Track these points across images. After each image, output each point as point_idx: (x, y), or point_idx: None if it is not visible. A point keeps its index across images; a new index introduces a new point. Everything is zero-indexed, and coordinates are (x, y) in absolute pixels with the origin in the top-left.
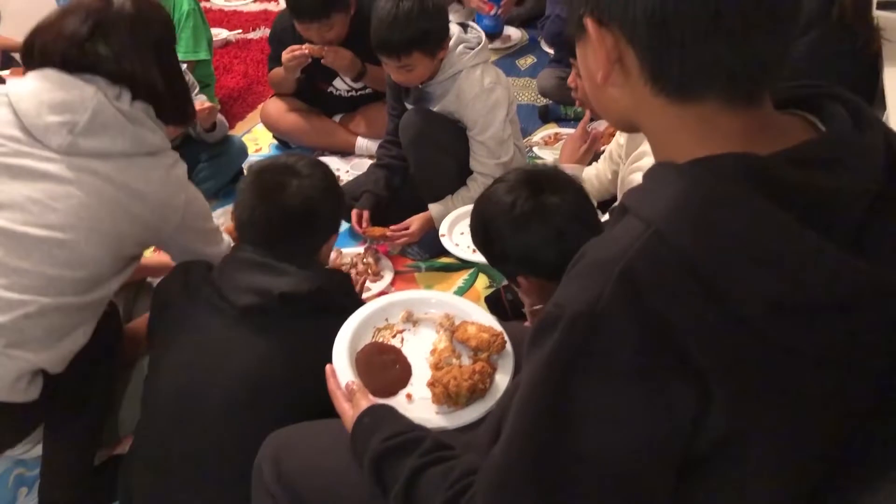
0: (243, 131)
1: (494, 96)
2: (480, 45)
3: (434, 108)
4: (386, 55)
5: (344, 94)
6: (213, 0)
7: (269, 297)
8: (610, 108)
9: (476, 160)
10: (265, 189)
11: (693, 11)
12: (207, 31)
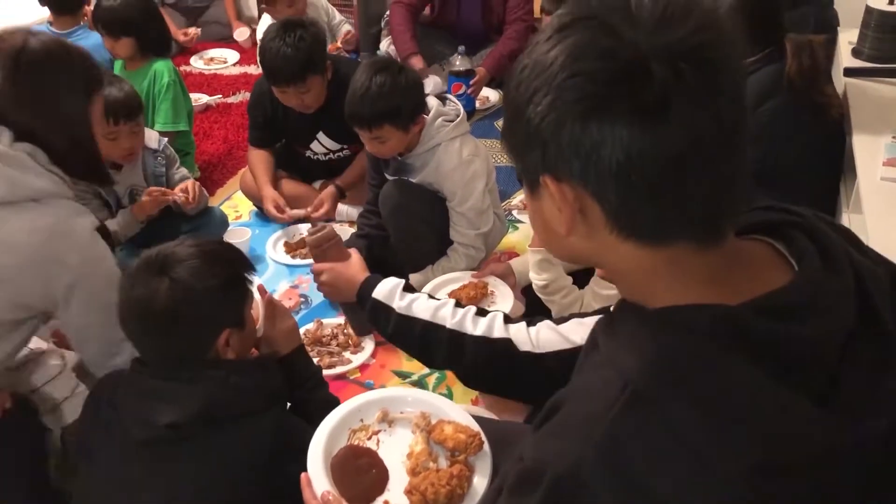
0: (223, 198)
1: (473, 168)
2: (459, 118)
3: (414, 180)
4: (357, 126)
5: (322, 158)
6: (192, 64)
7: (156, 430)
8: (572, 255)
9: (456, 231)
10: (132, 290)
11: (656, 162)
12: (188, 101)
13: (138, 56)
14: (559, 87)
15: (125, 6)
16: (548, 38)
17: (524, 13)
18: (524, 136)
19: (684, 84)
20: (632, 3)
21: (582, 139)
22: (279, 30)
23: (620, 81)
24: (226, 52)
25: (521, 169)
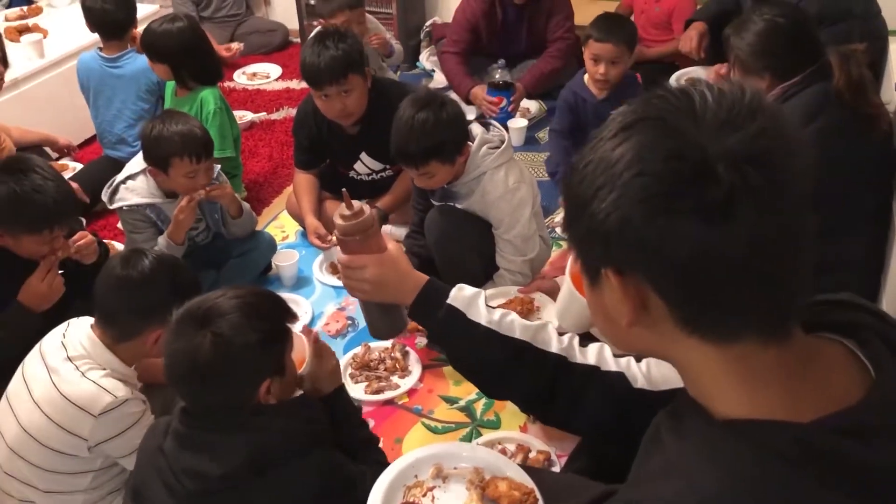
0: (270, 218)
1: (519, 195)
2: (504, 146)
3: (459, 206)
4: (405, 164)
5: (365, 179)
6: (236, 80)
7: (209, 481)
8: (633, 345)
9: (502, 257)
10: (177, 341)
11: (719, 261)
12: (234, 127)
13: (184, 84)
14: (624, 185)
15: (167, 34)
16: (612, 136)
17: (564, 31)
18: (587, 230)
19: (749, 187)
20: (696, 103)
21: (646, 236)
22: (318, 36)
23: (686, 182)
24: (268, 67)
25: (583, 260)
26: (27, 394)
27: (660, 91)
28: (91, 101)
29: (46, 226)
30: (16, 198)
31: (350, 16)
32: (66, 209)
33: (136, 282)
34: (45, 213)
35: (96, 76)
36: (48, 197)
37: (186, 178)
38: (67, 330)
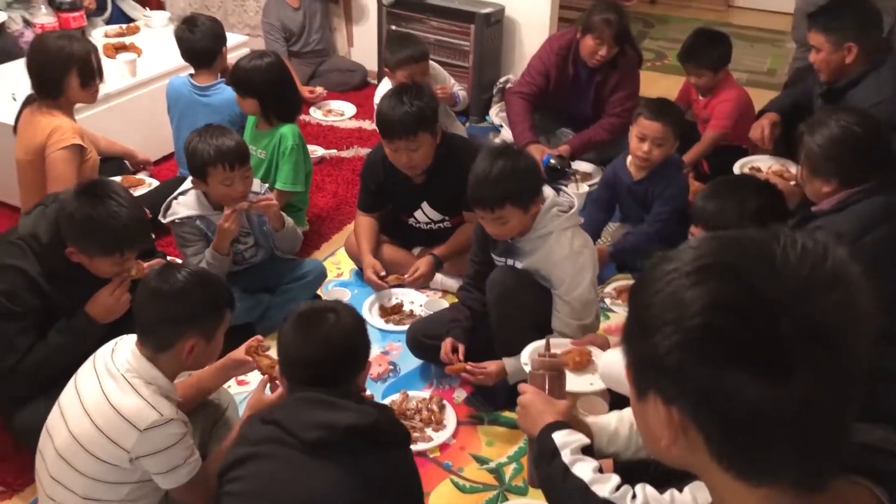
0: (327, 253)
1: (583, 259)
2: (573, 210)
3: (521, 264)
4: (480, 208)
5: (423, 227)
6: (312, 114)
7: (335, 430)
8: (670, 460)
9: (559, 319)
10: (309, 328)
11: (767, 416)
12: (307, 164)
13: (267, 119)
14: (689, 331)
15: (256, 71)
16: (687, 273)
17: (622, 109)
18: (644, 356)
19: (812, 358)
20: (776, 257)
21: (699, 382)
22: (396, 90)
23: (751, 342)
24: (344, 105)
25: (634, 377)
26: (78, 402)
27: (743, 235)
28: (175, 123)
29: (118, 250)
30: (91, 222)
31: (415, 68)
32: (137, 235)
33: (168, 293)
34: (117, 238)
35: (185, 101)
36: (121, 223)
37: (223, 185)
38: (118, 344)
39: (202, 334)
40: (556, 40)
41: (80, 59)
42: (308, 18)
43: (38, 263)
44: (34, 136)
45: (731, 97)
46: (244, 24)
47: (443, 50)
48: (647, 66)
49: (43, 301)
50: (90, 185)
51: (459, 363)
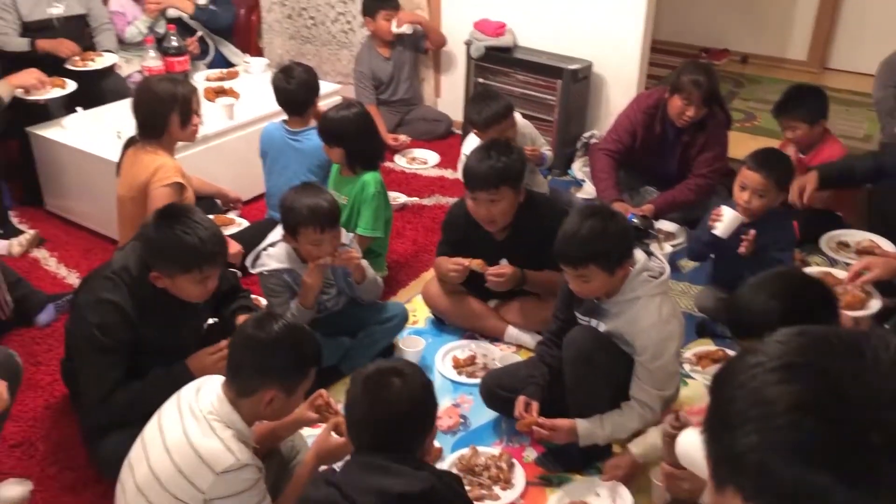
0: (404, 300)
1: (670, 328)
2: (664, 277)
3: (604, 326)
4: (564, 264)
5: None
6: (395, 161)
7: (388, 497)
8: None
9: (638, 387)
10: (374, 392)
11: None
12: (388, 210)
13: (351, 167)
14: (774, 432)
15: (343, 121)
16: (773, 369)
17: (710, 170)
18: (725, 450)
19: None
20: (867, 361)
21: (782, 483)
22: (486, 145)
23: (837, 447)
24: (427, 154)
25: (714, 468)
26: (161, 439)
27: (832, 333)
28: (267, 166)
29: (196, 266)
30: (168, 240)
31: (502, 125)
32: (212, 249)
33: (262, 342)
34: (195, 253)
35: (277, 144)
36: (195, 238)
37: (312, 245)
38: (203, 384)
39: (283, 388)
40: (644, 99)
41: (181, 99)
42: (397, 68)
43: (129, 296)
44: (139, 173)
45: (835, 154)
46: (337, 73)
47: (528, 103)
48: (736, 127)
49: (133, 334)
50: (167, 208)
51: (530, 418)
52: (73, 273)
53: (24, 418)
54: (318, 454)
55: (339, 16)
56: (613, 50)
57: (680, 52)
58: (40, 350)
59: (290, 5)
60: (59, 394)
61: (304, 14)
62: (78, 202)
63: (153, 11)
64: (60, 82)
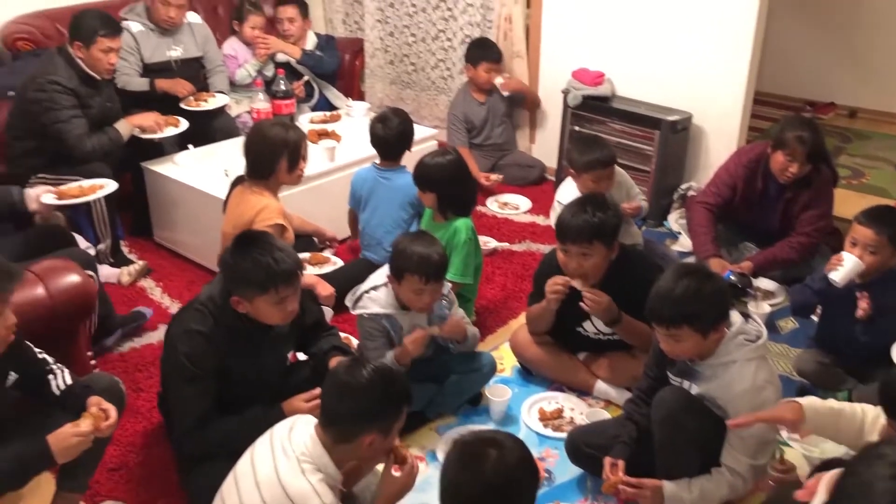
0: (491, 347)
1: (765, 395)
2: (760, 341)
3: (696, 388)
4: (656, 323)
5: (591, 336)
6: (487, 205)
7: None
8: None
9: (730, 453)
10: (469, 463)
11: None
12: (478, 256)
13: (442, 212)
14: None
15: (437, 167)
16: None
17: (813, 230)
18: None
19: None
20: None
21: None
22: (582, 200)
23: None
24: (519, 199)
25: None
26: (252, 473)
27: None
28: (361, 206)
29: (271, 285)
30: (244, 263)
31: (602, 173)
32: (286, 268)
33: (354, 388)
34: (269, 273)
35: (369, 185)
36: (270, 258)
37: (413, 293)
38: (295, 424)
39: (381, 430)
40: (746, 153)
41: (291, 145)
42: (491, 114)
43: (215, 325)
44: (244, 212)
45: None
46: (434, 117)
47: (625, 153)
48: (842, 185)
49: (220, 362)
50: (243, 235)
51: (616, 478)
52: (175, 303)
53: (122, 443)
54: (383, 489)
55: (439, 62)
56: (714, 101)
57: (784, 105)
58: (142, 377)
59: (393, 52)
60: (157, 421)
61: (406, 60)
62: (185, 235)
63: (263, 56)
64: (174, 121)
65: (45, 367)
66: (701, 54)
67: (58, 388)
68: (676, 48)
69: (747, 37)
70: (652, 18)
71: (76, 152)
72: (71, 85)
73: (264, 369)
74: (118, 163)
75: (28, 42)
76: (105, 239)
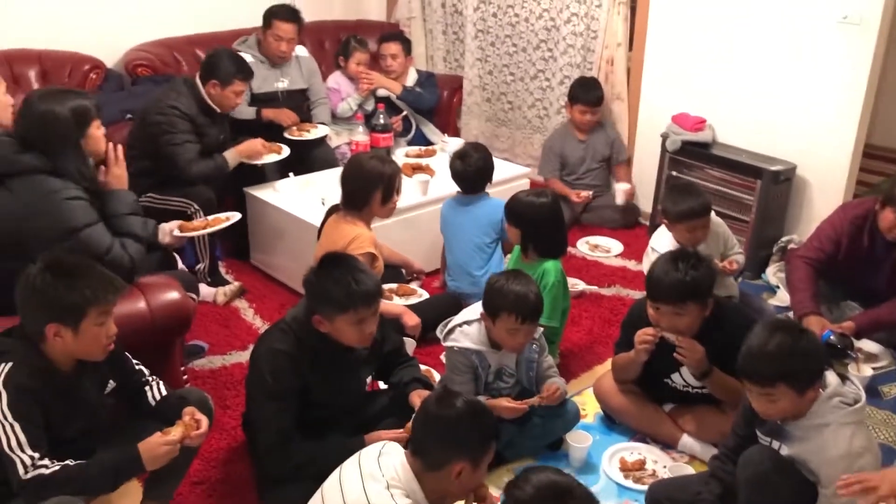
0: (574, 392)
1: (861, 462)
2: (859, 404)
3: (786, 450)
4: (750, 382)
5: (679, 388)
6: (578, 247)
7: None
8: None
9: None
10: None
11: None
12: (566, 299)
13: (525, 251)
14: None
15: (530, 206)
16: None
17: None
18: None
19: None
20: None
21: None
22: (675, 255)
23: None
24: (611, 242)
25: None
26: (340, 496)
27: None
28: (446, 236)
29: (351, 306)
30: (326, 282)
31: (696, 222)
32: (366, 290)
33: (447, 420)
34: (350, 293)
35: (453, 212)
36: (350, 279)
37: (507, 333)
38: (384, 449)
39: (471, 462)
40: (852, 208)
41: (387, 179)
42: (590, 155)
43: (298, 344)
44: (337, 240)
45: None
46: (528, 156)
47: (723, 201)
48: None
49: (302, 382)
50: (328, 256)
51: None
52: (266, 325)
53: (207, 458)
54: None
55: (536, 102)
56: (821, 152)
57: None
58: (230, 395)
59: (491, 90)
60: (241, 439)
61: (503, 99)
62: (280, 259)
63: (366, 90)
64: (277, 148)
65: (141, 377)
66: (808, 102)
67: (153, 399)
68: (782, 95)
69: (860, 85)
70: (757, 64)
71: (184, 175)
72: (190, 112)
73: (343, 392)
74: (222, 187)
75: (147, 68)
76: (203, 259)
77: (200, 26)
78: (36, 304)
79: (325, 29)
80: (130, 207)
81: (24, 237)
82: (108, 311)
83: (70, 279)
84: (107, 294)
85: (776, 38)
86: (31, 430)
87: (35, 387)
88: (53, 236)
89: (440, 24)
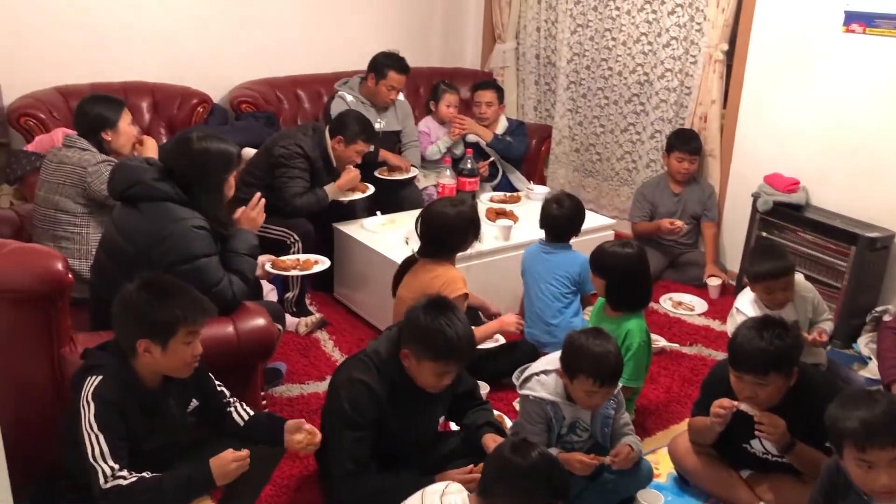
0: (648, 450)
1: None
2: None
3: None
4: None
5: (758, 455)
6: (661, 303)
7: None
8: None
9: None
10: None
11: None
12: (649, 359)
13: (608, 298)
14: None
15: (615, 257)
16: None
17: None
18: None
19: None
20: None
21: None
22: (760, 322)
23: None
24: (695, 300)
25: None
26: None
27: None
28: (526, 283)
29: (443, 357)
30: (430, 326)
31: (773, 285)
32: (463, 347)
33: (519, 469)
34: (449, 346)
35: (533, 259)
36: (454, 332)
37: (585, 394)
38: (448, 488)
39: None
40: None
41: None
42: (683, 209)
43: (378, 377)
44: (430, 282)
45: None
46: (614, 207)
47: (814, 265)
48: None
49: (380, 413)
50: (439, 299)
51: None
52: (344, 358)
53: (279, 484)
54: None
55: (625, 154)
56: None
57: None
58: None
59: (580, 140)
60: (312, 467)
61: (592, 150)
62: (362, 294)
63: (457, 135)
64: (363, 187)
65: (223, 398)
66: None
67: (241, 419)
68: (880, 158)
69: None
70: (854, 125)
71: (287, 206)
72: (312, 156)
73: (417, 427)
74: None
75: (250, 105)
76: (294, 289)
77: (303, 68)
78: (130, 319)
79: (422, 75)
80: (249, 249)
81: (154, 257)
82: (197, 331)
83: (164, 298)
84: (196, 315)
85: (873, 100)
86: (114, 442)
87: (121, 401)
88: (175, 259)
89: (533, 75)
